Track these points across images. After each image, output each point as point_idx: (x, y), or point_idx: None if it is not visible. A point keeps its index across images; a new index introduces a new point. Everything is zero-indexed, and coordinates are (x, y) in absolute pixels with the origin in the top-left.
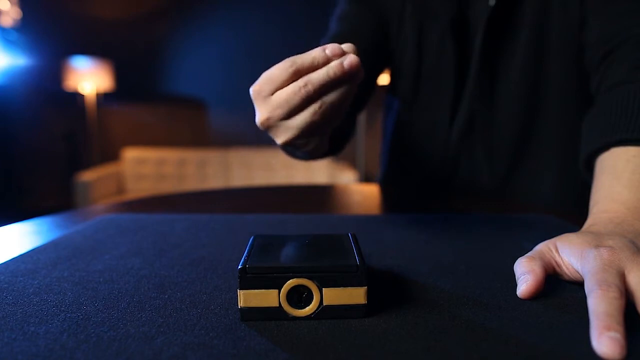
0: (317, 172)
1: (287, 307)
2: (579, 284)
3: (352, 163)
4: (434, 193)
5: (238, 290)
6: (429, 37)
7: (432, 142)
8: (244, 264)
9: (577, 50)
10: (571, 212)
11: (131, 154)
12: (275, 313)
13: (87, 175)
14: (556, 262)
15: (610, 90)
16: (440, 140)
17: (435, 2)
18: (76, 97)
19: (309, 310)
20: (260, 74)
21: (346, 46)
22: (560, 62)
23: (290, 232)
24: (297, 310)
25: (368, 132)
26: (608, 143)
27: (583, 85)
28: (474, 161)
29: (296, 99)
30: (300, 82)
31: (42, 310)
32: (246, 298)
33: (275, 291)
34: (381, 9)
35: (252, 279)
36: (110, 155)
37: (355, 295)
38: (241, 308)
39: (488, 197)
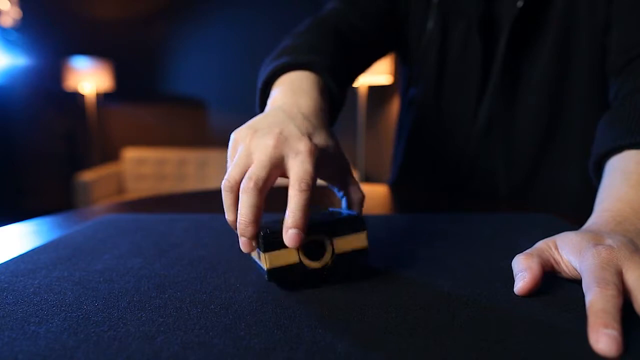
0: None
1: (306, 261)
2: (578, 282)
3: (352, 163)
4: (440, 193)
5: (262, 254)
6: (454, 33)
7: (452, 140)
8: (264, 231)
9: (603, 54)
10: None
11: (131, 154)
12: (297, 268)
13: (87, 175)
14: (555, 259)
15: (626, 96)
16: (460, 138)
17: None
18: (76, 97)
19: (324, 260)
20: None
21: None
22: (585, 65)
23: None
24: (315, 262)
25: (368, 132)
26: (621, 146)
27: (608, 90)
28: (492, 162)
29: None
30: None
31: (42, 310)
32: (271, 259)
33: (294, 250)
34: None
35: (274, 242)
36: (110, 155)
37: (360, 239)
38: (268, 269)
39: (505, 200)
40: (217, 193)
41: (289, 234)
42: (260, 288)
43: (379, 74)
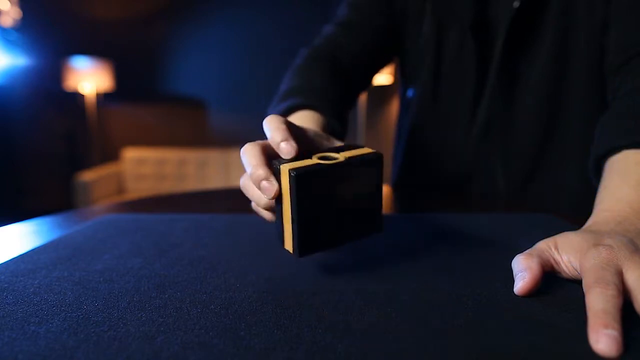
0: None
1: (324, 162)
2: (578, 282)
3: None
4: (440, 193)
5: (281, 169)
6: (449, 37)
7: (451, 141)
8: (276, 160)
9: (601, 53)
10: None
11: (131, 154)
12: (317, 166)
13: (87, 175)
14: (555, 259)
15: (625, 96)
16: (459, 139)
17: (456, 2)
18: (76, 97)
19: (341, 158)
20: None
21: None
22: (583, 65)
23: None
24: (333, 160)
25: (368, 132)
26: (620, 145)
27: (606, 89)
28: (491, 163)
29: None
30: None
31: (42, 310)
32: (291, 166)
33: (308, 159)
34: (400, 5)
35: (288, 160)
36: (110, 155)
37: (364, 150)
38: (292, 169)
39: (505, 200)
40: (217, 193)
41: (281, 147)
42: (260, 288)
43: (379, 74)
